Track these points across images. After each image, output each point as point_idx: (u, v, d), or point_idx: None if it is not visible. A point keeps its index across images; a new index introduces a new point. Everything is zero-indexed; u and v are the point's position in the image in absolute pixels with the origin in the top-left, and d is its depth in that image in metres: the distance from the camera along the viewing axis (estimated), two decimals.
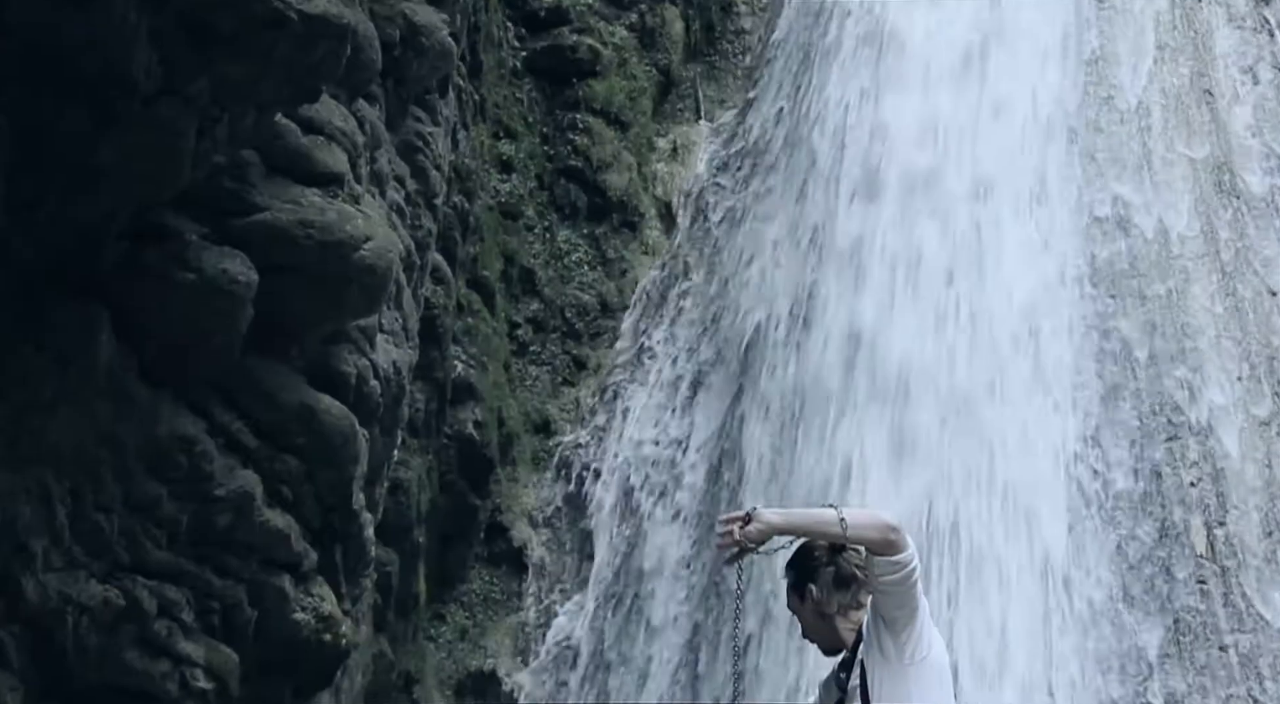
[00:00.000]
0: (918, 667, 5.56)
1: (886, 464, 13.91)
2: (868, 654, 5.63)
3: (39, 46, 7.17)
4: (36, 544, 8.05)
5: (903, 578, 5.52)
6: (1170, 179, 15.45)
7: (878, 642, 5.59)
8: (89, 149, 7.59)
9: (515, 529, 15.35)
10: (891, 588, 5.55)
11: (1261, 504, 13.67)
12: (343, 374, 10.07)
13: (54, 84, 7.27)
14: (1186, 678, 12.97)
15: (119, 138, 7.60)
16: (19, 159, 7.42)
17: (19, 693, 8.17)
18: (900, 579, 5.53)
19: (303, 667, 10.51)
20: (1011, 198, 15.31)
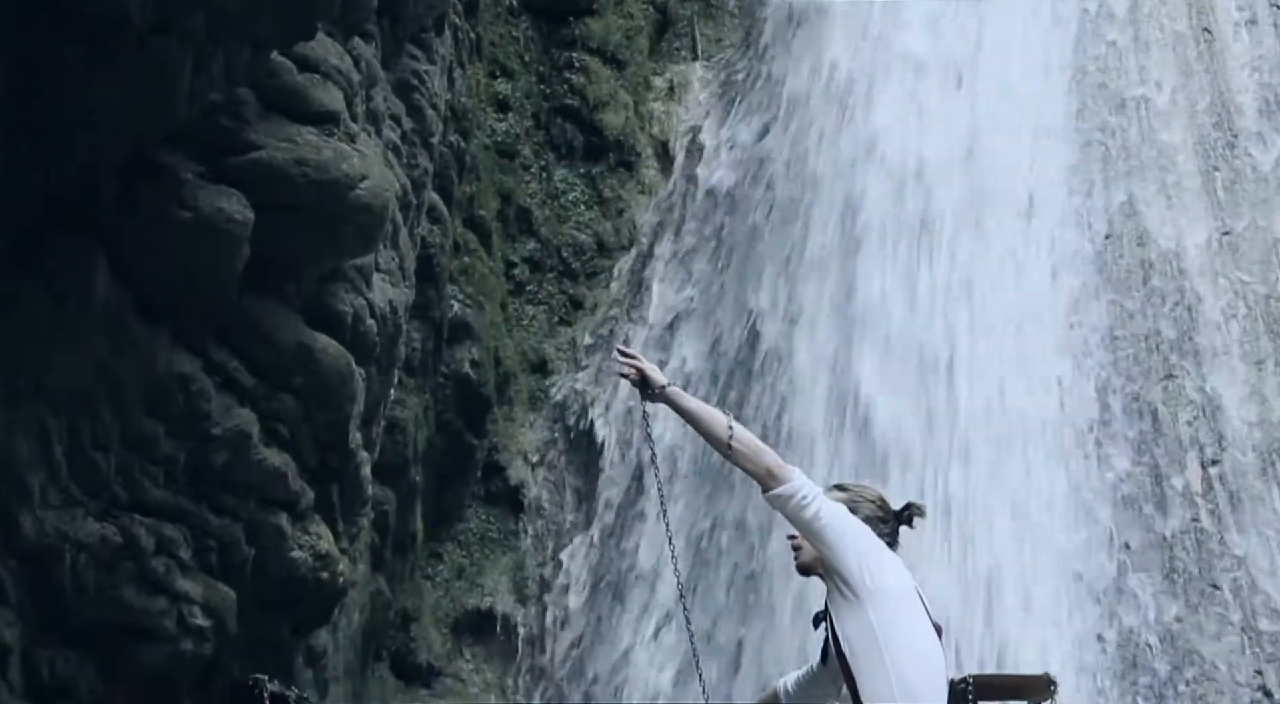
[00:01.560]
0: (874, 598, 5.56)
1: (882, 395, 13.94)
2: (829, 598, 5.65)
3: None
4: (34, 481, 8.07)
5: (795, 509, 5.52)
6: (1168, 111, 15.42)
7: (831, 583, 5.61)
8: (84, 86, 7.58)
9: (512, 468, 15.38)
10: (796, 523, 5.57)
11: (1257, 443, 13.70)
12: (339, 313, 10.07)
13: (49, 21, 7.24)
14: (1180, 614, 13.03)
15: (114, 74, 7.58)
16: (15, 96, 7.40)
17: (17, 629, 8.21)
18: (793, 511, 5.53)
19: (300, 604, 10.56)
20: (1005, 84, 15.30)
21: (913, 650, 5.61)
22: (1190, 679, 12.80)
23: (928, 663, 5.63)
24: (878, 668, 5.54)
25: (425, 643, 14.37)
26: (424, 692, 14.25)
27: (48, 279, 8.12)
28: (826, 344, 14.50)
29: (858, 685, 5.57)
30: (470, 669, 14.46)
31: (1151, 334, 14.28)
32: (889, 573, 5.67)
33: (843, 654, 5.59)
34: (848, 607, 5.60)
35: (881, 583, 5.61)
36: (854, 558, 5.59)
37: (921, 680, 5.59)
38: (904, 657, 5.57)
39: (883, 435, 13.71)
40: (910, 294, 14.43)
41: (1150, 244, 14.69)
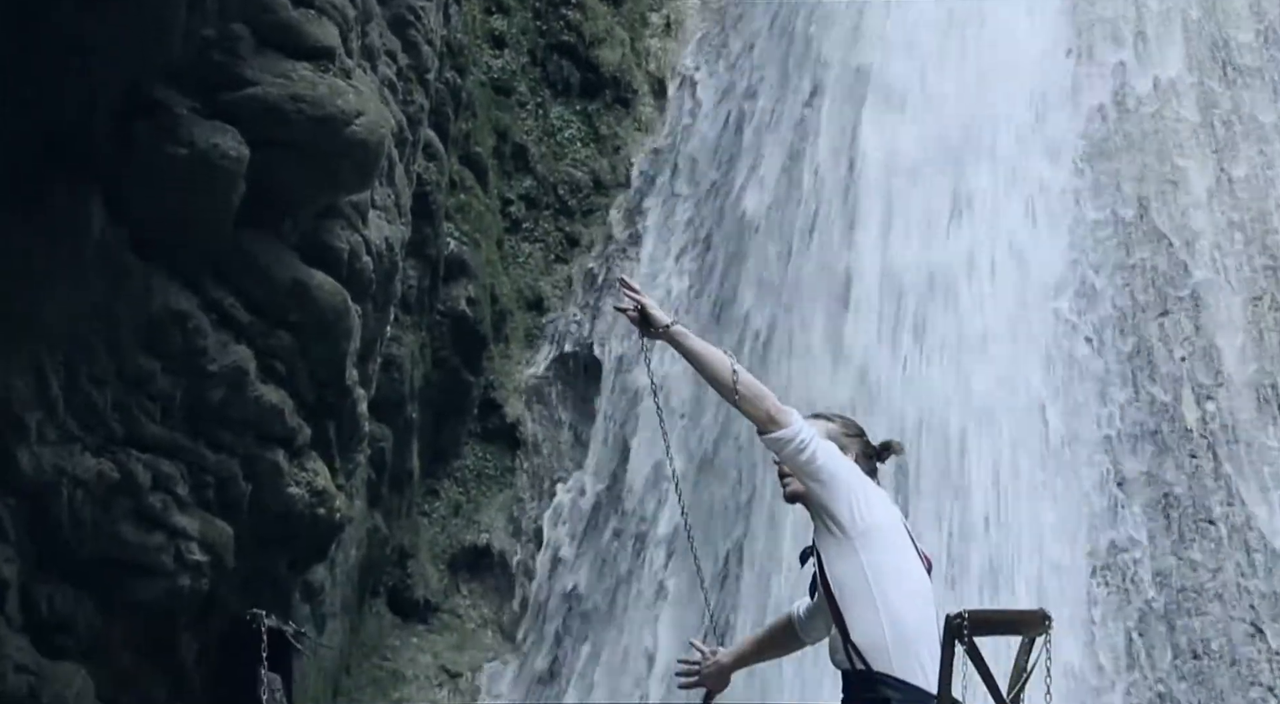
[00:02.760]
0: (864, 538, 5.58)
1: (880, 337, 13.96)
2: (817, 535, 5.67)
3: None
4: (30, 417, 8.09)
5: (793, 453, 5.54)
6: (1165, 43, 15.37)
7: (820, 521, 5.63)
8: (79, 23, 7.55)
9: (508, 406, 15.40)
10: (792, 465, 5.59)
11: (1252, 379, 13.71)
12: (335, 250, 10.07)
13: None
14: (1176, 551, 13.08)
15: (109, 11, 7.56)
16: (9, 35, 7.38)
17: (15, 565, 8.24)
18: (790, 454, 5.55)
19: (297, 540, 10.61)
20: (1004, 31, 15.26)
21: (902, 590, 5.64)
22: (1184, 614, 12.86)
23: (917, 602, 5.66)
24: (867, 608, 5.57)
25: (422, 579, 14.42)
26: (421, 627, 14.30)
27: (44, 217, 8.12)
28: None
29: (846, 625, 5.60)
30: (467, 605, 14.51)
31: (1147, 270, 14.27)
32: (878, 512, 5.69)
33: (831, 594, 5.62)
34: (836, 546, 5.62)
35: (871, 523, 5.64)
36: (845, 500, 5.61)
37: (911, 619, 5.62)
38: (894, 596, 5.60)
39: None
40: (904, 225, 14.45)
41: (1147, 179, 14.67)
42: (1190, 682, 12.60)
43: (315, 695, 12.45)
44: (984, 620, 5.61)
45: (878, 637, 5.54)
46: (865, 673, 5.56)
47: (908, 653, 5.55)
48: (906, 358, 13.88)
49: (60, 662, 8.65)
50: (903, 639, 5.55)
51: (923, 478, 13.20)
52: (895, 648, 5.54)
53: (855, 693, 5.63)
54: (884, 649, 5.54)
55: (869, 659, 5.55)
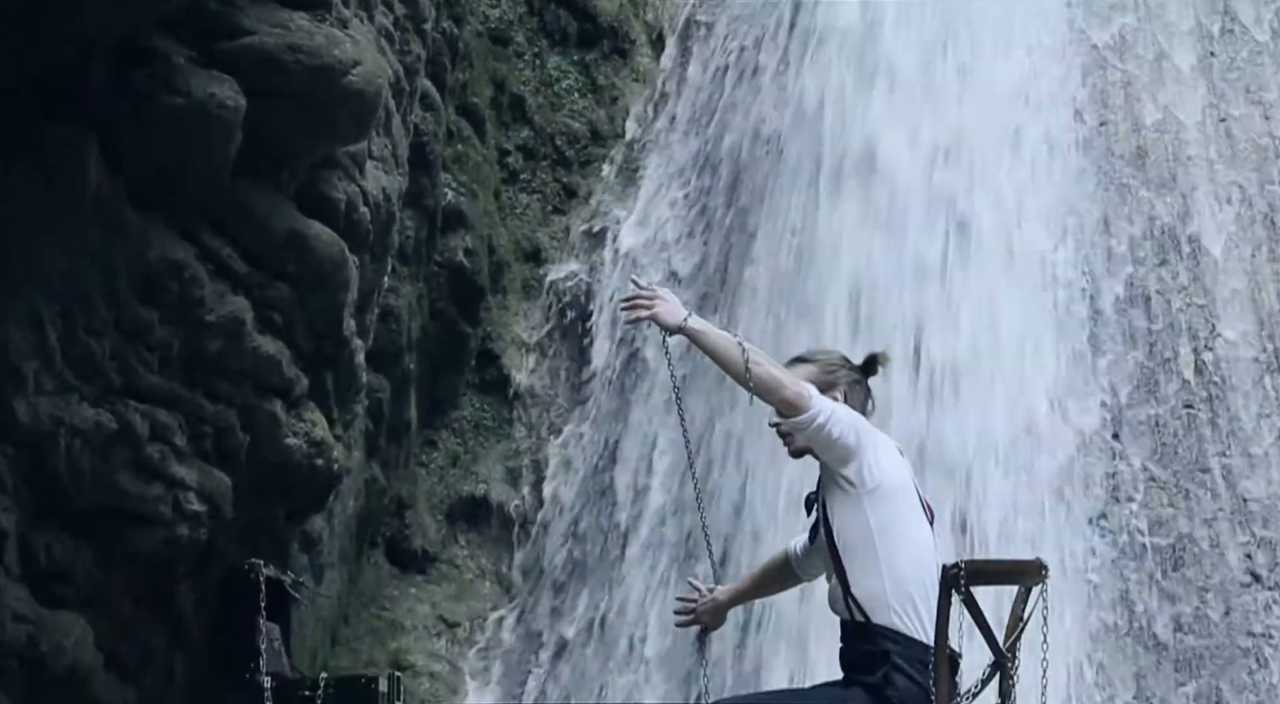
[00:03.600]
0: (872, 496, 5.62)
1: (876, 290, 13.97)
2: (827, 488, 5.69)
3: None
4: (28, 367, 8.09)
5: (814, 433, 5.58)
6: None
7: (830, 478, 5.66)
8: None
9: (506, 357, 15.40)
10: (813, 442, 5.62)
11: (1250, 329, 13.72)
12: (332, 200, 10.06)
13: None
14: (1172, 500, 13.11)
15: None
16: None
17: (14, 514, 8.26)
18: (813, 434, 5.58)
19: (295, 491, 10.62)
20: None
21: (906, 547, 5.68)
22: (1181, 563, 12.90)
23: (921, 559, 5.70)
24: (869, 562, 5.61)
25: (420, 529, 14.45)
26: (419, 577, 14.34)
27: (39, 167, 8.10)
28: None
29: (848, 577, 5.63)
30: (465, 556, 14.55)
31: (1145, 220, 14.26)
32: (886, 468, 5.73)
33: (834, 544, 5.65)
34: (844, 500, 5.66)
35: (880, 480, 5.68)
36: (856, 464, 5.65)
37: (913, 577, 5.66)
38: (898, 554, 5.64)
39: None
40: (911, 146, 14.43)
41: (1145, 130, 14.64)
42: (1185, 630, 12.65)
43: (313, 645, 12.50)
44: (981, 570, 5.65)
45: (878, 591, 5.58)
46: (865, 625, 5.60)
47: (908, 608, 5.59)
48: (903, 289, 13.90)
49: (59, 611, 8.67)
50: (903, 595, 5.59)
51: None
52: (896, 602, 5.58)
53: (854, 644, 5.67)
54: (884, 603, 5.57)
55: (869, 611, 5.59)
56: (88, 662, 8.91)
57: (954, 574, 5.53)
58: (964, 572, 5.52)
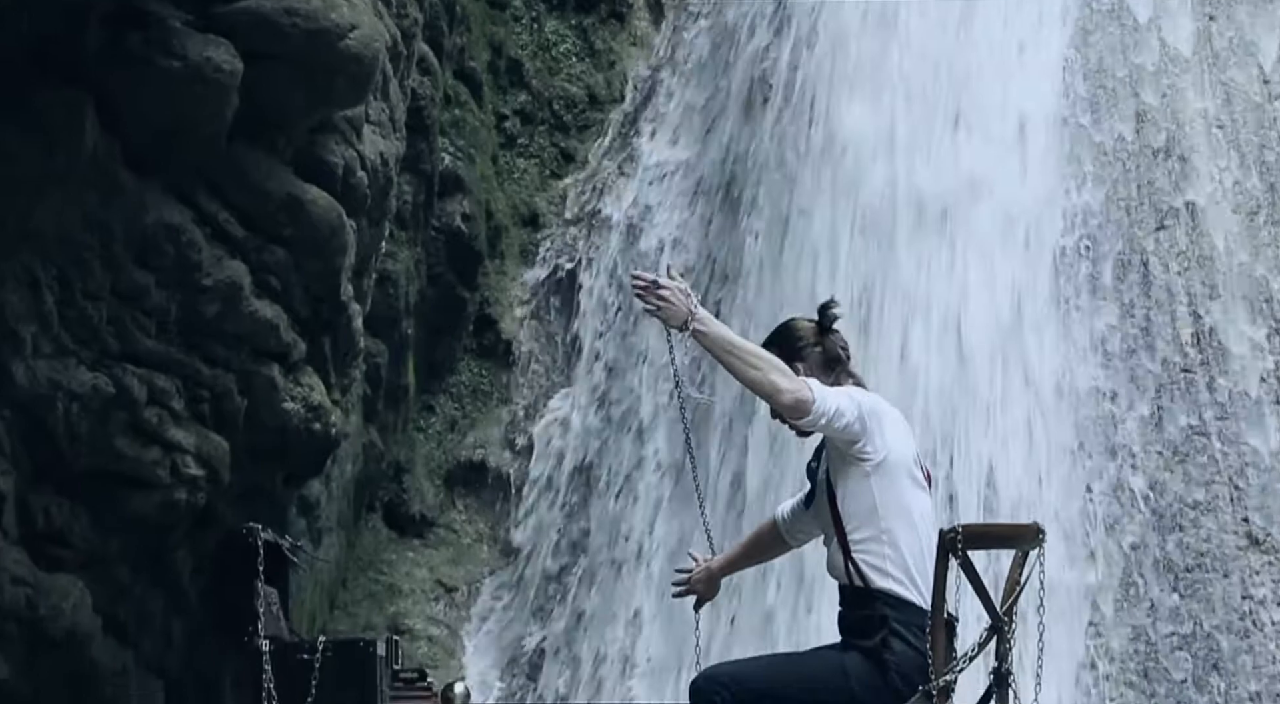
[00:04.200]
0: (877, 470, 5.64)
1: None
2: (831, 457, 5.70)
3: None
4: (25, 330, 8.09)
5: (826, 427, 5.60)
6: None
7: (834, 449, 5.68)
8: None
9: (504, 322, 15.40)
10: (827, 434, 5.65)
11: (1247, 293, 13.71)
12: (329, 165, 10.04)
13: None
14: (1169, 464, 13.13)
15: None
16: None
17: (11, 477, 8.26)
18: (825, 428, 5.61)
19: (293, 455, 10.63)
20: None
21: (908, 517, 5.70)
22: (1177, 527, 12.92)
23: (920, 526, 5.72)
24: (870, 529, 5.62)
25: (418, 494, 14.47)
26: (417, 542, 14.36)
27: (36, 130, 8.09)
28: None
29: (849, 543, 5.64)
30: (463, 520, 14.57)
31: (1144, 184, 14.24)
32: (891, 443, 5.74)
33: (836, 510, 5.66)
34: (849, 471, 5.68)
35: (885, 456, 5.69)
36: (862, 443, 5.66)
37: (913, 543, 5.68)
38: (899, 523, 5.66)
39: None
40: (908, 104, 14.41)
41: (1143, 87, 14.61)
42: (1182, 594, 12.68)
43: (311, 609, 12.53)
44: (977, 534, 5.66)
45: (879, 558, 5.60)
46: (863, 590, 5.61)
47: (907, 575, 5.61)
48: (900, 258, 13.90)
49: (57, 574, 8.69)
50: (903, 562, 5.61)
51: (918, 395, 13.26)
52: (895, 569, 5.60)
53: (852, 609, 5.68)
54: (884, 569, 5.59)
55: (868, 577, 5.60)
56: (86, 625, 8.93)
57: (951, 539, 5.54)
58: (961, 536, 5.53)
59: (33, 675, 8.74)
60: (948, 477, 12.93)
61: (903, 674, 5.52)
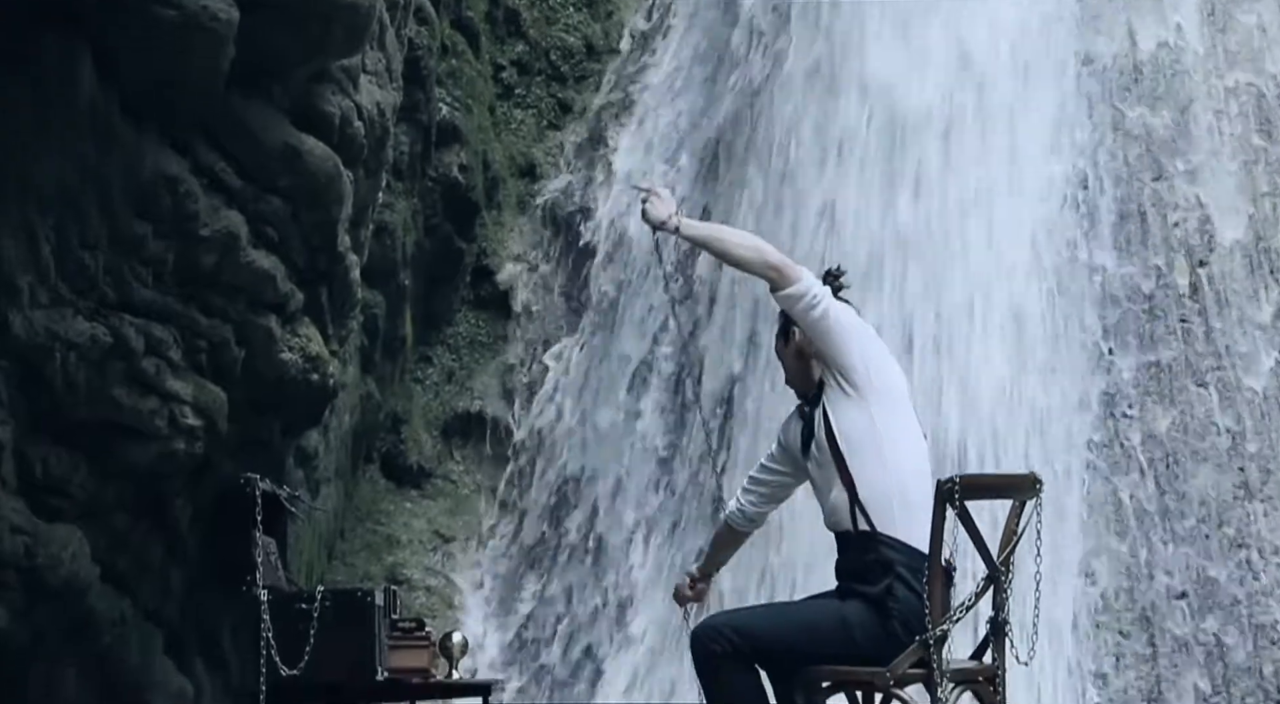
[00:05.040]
0: (877, 396, 5.66)
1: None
2: (827, 392, 5.70)
3: None
4: (22, 280, 8.07)
5: (804, 310, 5.61)
6: None
7: (832, 380, 5.68)
8: None
9: (501, 273, 15.40)
10: (805, 323, 5.64)
11: (1246, 243, 13.71)
12: (326, 114, 10.01)
13: None
14: (1166, 415, 13.15)
15: None
16: None
17: (9, 426, 8.26)
18: (802, 311, 5.61)
19: (290, 406, 10.64)
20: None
21: (908, 453, 5.71)
22: (1174, 477, 12.95)
23: (920, 467, 5.73)
24: (875, 464, 5.63)
25: (415, 445, 14.50)
26: (414, 493, 14.40)
27: (32, 79, 8.05)
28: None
29: (854, 482, 5.64)
30: (460, 471, 14.60)
31: (1142, 135, 14.22)
32: (889, 376, 5.76)
33: (839, 450, 5.66)
34: (846, 401, 5.68)
35: (884, 382, 5.72)
36: (859, 355, 5.68)
37: (915, 483, 5.69)
38: (902, 456, 5.68)
39: None
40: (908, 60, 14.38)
41: (1141, 42, 14.57)
42: (1178, 543, 12.72)
43: (309, 559, 12.56)
44: (975, 485, 5.68)
45: (884, 494, 5.61)
46: (869, 533, 5.62)
47: (911, 515, 5.62)
48: (899, 207, 13.89)
49: (55, 523, 8.70)
50: (906, 501, 5.63)
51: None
52: (900, 509, 5.62)
53: (856, 554, 5.68)
54: (889, 509, 5.60)
55: (874, 519, 5.61)
56: (84, 574, 8.95)
57: (949, 489, 5.55)
58: (959, 486, 5.54)
59: (31, 624, 8.76)
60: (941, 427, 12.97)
61: (904, 621, 5.54)
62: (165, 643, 10.31)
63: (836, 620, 5.60)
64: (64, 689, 9.31)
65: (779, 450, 6.01)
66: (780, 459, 6.01)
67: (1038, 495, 5.73)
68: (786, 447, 5.96)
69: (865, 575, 5.59)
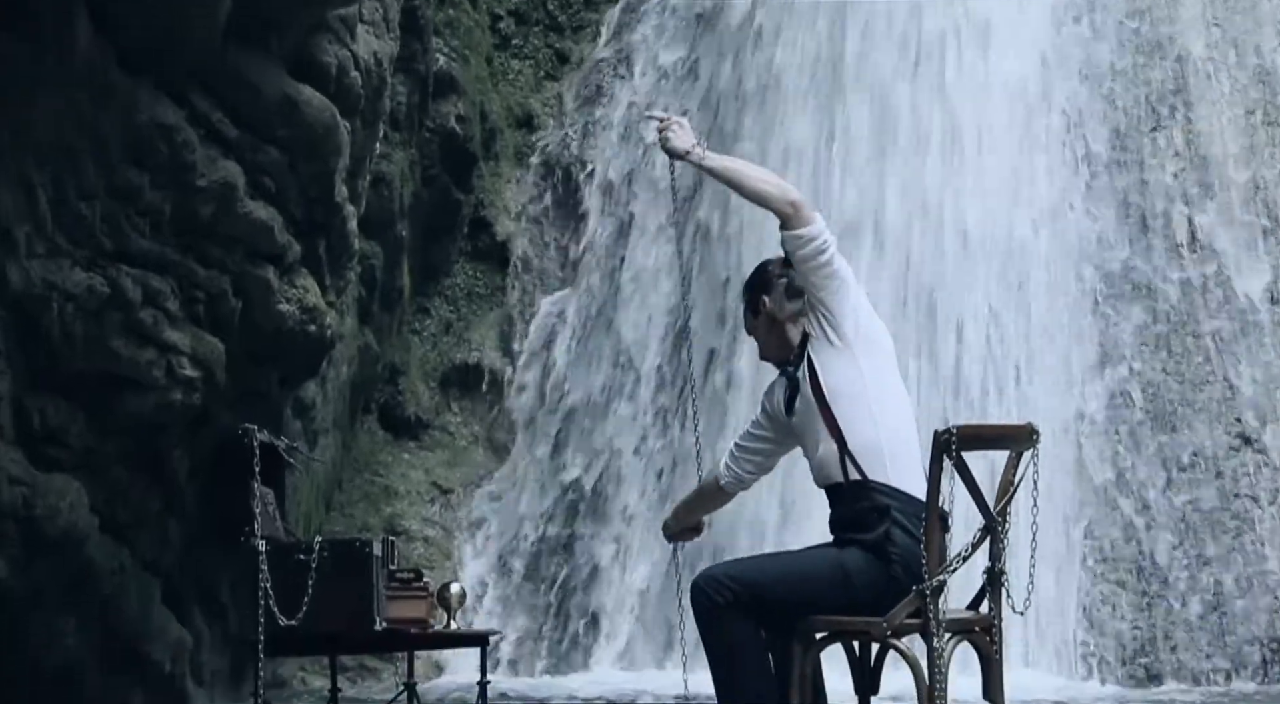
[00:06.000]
0: (866, 348, 5.64)
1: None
2: (814, 344, 5.69)
3: None
4: (19, 231, 8.07)
5: (812, 254, 5.57)
6: None
7: (820, 331, 5.65)
8: None
9: (499, 224, 15.38)
10: (808, 267, 5.61)
11: (1244, 193, 13.70)
12: (323, 64, 9.99)
13: None
14: (1164, 365, 13.16)
15: None
16: None
17: (6, 377, 8.26)
18: (809, 255, 5.58)
19: (288, 357, 10.64)
20: None
21: (896, 405, 5.70)
22: (1171, 428, 12.97)
23: (907, 421, 5.72)
24: (863, 413, 5.61)
25: (413, 396, 14.50)
26: (412, 444, 14.41)
27: (27, 31, 8.02)
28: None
29: (844, 432, 5.63)
30: (458, 422, 14.61)
31: (1140, 83, 14.19)
32: (878, 331, 5.75)
33: (826, 403, 5.65)
34: (835, 354, 5.66)
35: (873, 337, 5.70)
36: (852, 308, 5.66)
37: (904, 433, 5.68)
38: (888, 407, 5.66)
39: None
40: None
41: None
42: (1175, 494, 12.75)
43: (307, 510, 12.58)
44: (972, 435, 5.67)
45: (874, 443, 5.59)
46: (861, 483, 5.61)
47: (900, 464, 5.61)
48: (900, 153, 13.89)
49: (54, 474, 8.71)
50: (895, 451, 5.61)
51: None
52: (890, 457, 5.60)
53: (849, 504, 5.67)
54: (880, 457, 5.59)
55: (865, 468, 5.59)
56: (82, 524, 8.96)
57: (946, 439, 5.54)
58: (956, 437, 5.54)
59: (30, 575, 8.78)
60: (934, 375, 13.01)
61: (904, 565, 5.54)
62: (164, 593, 10.33)
63: (836, 568, 5.59)
64: (64, 639, 9.34)
65: (764, 417, 5.98)
66: (766, 426, 5.98)
67: (1034, 446, 5.72)
68: (771, 413, 5.93)
69: (861, 523, 5.58)
